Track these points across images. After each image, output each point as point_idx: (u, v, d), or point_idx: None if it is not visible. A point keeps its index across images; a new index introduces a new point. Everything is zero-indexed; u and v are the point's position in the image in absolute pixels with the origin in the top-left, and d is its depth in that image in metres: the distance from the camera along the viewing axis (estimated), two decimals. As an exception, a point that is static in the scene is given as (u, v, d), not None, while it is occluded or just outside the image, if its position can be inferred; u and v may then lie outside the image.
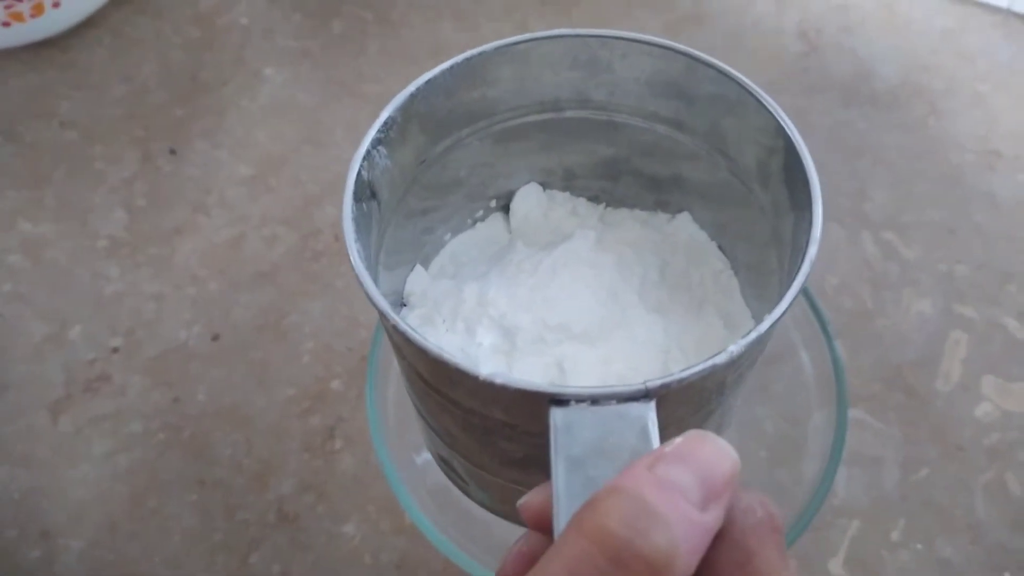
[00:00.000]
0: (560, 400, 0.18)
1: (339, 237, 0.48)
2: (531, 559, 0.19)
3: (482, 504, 0.29)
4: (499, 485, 0.26)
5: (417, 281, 0.30)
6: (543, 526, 0.19)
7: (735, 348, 0.19)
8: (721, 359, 0.19)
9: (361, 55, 0.56)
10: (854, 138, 0.51)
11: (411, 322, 0.28)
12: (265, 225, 0.49)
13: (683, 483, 0.15)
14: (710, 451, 0.16)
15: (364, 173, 0.23)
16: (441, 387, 0.22)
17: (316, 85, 0.55)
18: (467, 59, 0.25)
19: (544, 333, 0.26)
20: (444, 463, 0.29)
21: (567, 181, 0.31)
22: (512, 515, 0.28)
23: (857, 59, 0.55)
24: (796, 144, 0.23)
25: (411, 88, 0.24)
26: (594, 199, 0.32)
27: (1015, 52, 0.55)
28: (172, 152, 0.52)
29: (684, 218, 0.31)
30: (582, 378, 0.26)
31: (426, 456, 0.37)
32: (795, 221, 0.23)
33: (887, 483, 0.39)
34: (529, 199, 0.31)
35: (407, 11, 0.58)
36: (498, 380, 0.19)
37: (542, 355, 0.26)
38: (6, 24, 0.53)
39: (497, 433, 0.22)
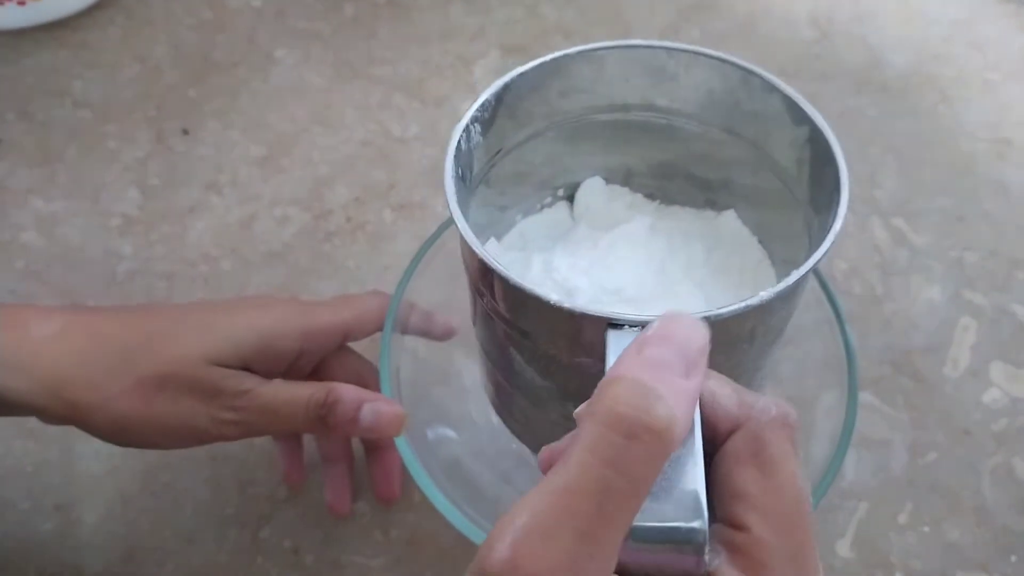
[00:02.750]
0: (616, 324, 0.22)
1: (350, 218, 0.48)
2: None
3: (531, 446, 0.32)
4: (555, 425, 0.28)
5: (490, 250, 0.33)
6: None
7: (766, 294, 0.22)
8: (754, 301, 0.22)
9: (372, 38, 0.56)
10: (865, 125, 0.51)
11: None
12: (277, 205, 0.49)
13: (668, 359, 0.18)
14: (684, 327, 0.19)
15: (462, 144, 0.26)
16: (517, 319, 0.25)
17: (327, 67, 0.55)
18: (555, 59, 0.29)
19: (600, 295, 0.30)
20: (502, 407, 0.32)
21: (627, 179, 0.35)
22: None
23: (868, 47, 0.55)
24: (834, 151, 0.26)
25: (506, 78, 0.28)
26: (649, 196, 0.35)
27: (1027, 41, 0.55)
28: (185, 132, 0.52)
29: (730, 215, 0.34)
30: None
31: (439, 431, 0.37)
32: (822, 217, 0.26)
33: (895, 466, 0.40)
34: (592, 190, 0.34)
35: (419, -5, 0.58)
36: (566, 304, 0.22)
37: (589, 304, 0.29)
38: (20, 3, 0.54)
39: (560, 365, 0.25)
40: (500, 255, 0.33)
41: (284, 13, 0.58)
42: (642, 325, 0.21)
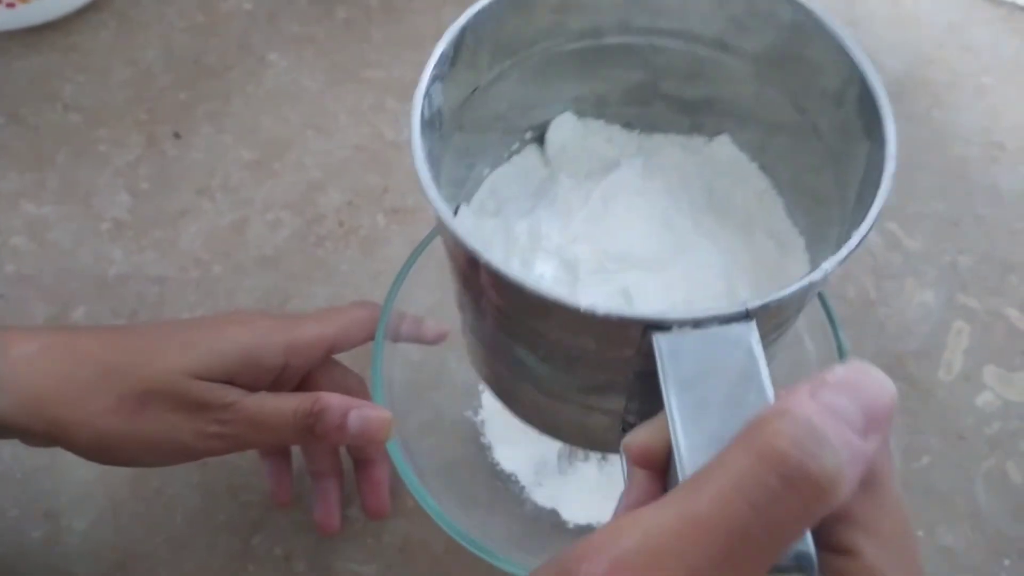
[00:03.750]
0: (662, 326, 0.18)
1: (343, 223, 0.48)
2: (645, 500, 0.18)
3: (546, 432, 0.29)
4: (570, 413, 0.26)
5: (461, 222, 0.29)
6: (650, 462, 0.19)
7: (828, 265, 0.19)
8: (817, 276, 0.19)
9: (365, 41, 0.56)
10: (858, 129, 0.51)
11: None
12: (269, 209, 0.49)
13: (847, 410, 0.15)
14: (872, 381, 0.16)
15: (425, 112, 0.23)
16: (528, 320, 0.22)
17: (320, 71, 0.55)
18: None
19: (605, 262, 0.27)
20: (506, 395, 0.29)
21: (599, 109, 0.31)
22: (577, 439, 0.28)
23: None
24: (864, 70, 0.23)
25: (461, 21, 0.24)
26: (627, 126, 0.31)
27: (1019, 46, 0.55)
28: (176, 136, 0.52)
29: (723, 140, 0.30)
30: (649, 304, 0.26)
31: (430, 440, 0.37)
32: (865, 149, 0.23)
33: (889, 471, 0.40)
34: (564, 129, 0.30)
35: (412, -2, 0.58)
36: (600, 311, 0.19)
37: (606, 283, 0.26)
38: (10, 6, 0.53)
39: (582, 361, 0.22)
40: (474, 226, 0.29)
41: (277, 17, 0.57)
42: (694, 323, 0.18)
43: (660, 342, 0.18)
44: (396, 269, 0.37)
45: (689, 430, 0.17)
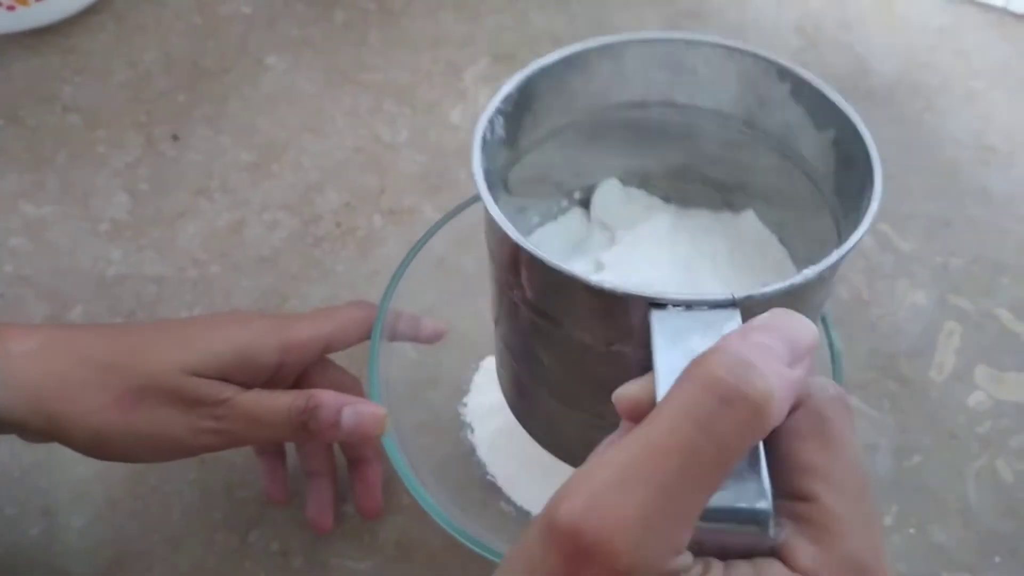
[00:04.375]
0: (659, 303, 0.21)
1: (340, 223, 0.48)
2: None
3: (560, 454, 0.31)
4: (582, 427, 0.28)
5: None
6: (638, 414, 0.20)
7: (810, 272, 0.22)
8: (798, 279, 0.22)
9: (362, 44, 0.56)
10: (851, 132, 0.52)
11: None
12: (266, 210, 0.49)
13: (773, 346, 0.18)
14: (793, 321, 0.18)
15: (487, 136, 0.26)
16: (550, 306, 0.24)
17: (318, 73, 0.55)
18: (576, 52, 0.28)
19: None
20: (526, 413, 0.31)
21: (643, 181, 0.34)
22: (580, 456, 0.30)
23: (855, 55, 0.55)
24: (868, 146, 0.25)
25: (527, 71, 0.27)
26: (665, 199, 0.34)
27: (1010, 50, 0.56)
28: (175, 138, 0.52)
29: (748, 215, 0.33)
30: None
31: (426, 438, 0.38)
32: (851, 209, 0.26)
33: (881, 469, 0.40)
34: (610, 192, 0.34)
35: (408, 1, 0.58)
36: (607, 284, 0.22)
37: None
38: (10, 8, 0.54)
39: (593, 356, 0.25)
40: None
41: (275, 20, 0.58)
42: (687, 304, 0.21)
43: (656, 318, 0.21)
44: (392, 269, 0.38)
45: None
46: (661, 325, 0.21)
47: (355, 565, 0.38)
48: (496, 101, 0.26)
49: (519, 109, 0.28)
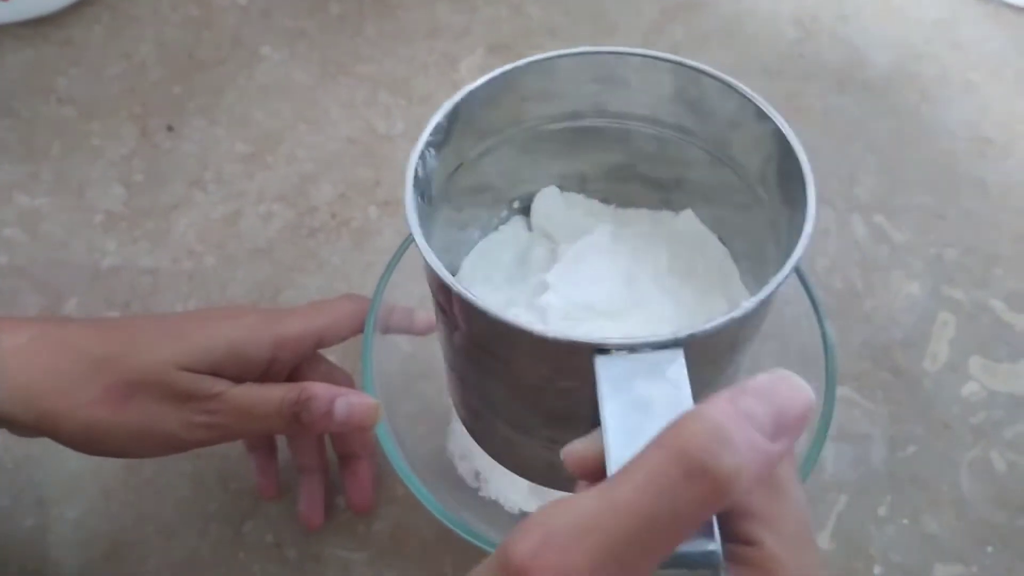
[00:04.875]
0: (603, 349, 0.21)
1: (335, 215, 0.48)
2: None
3: (517, 471, 0.31)
4: (536, 449, 0.28)
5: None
6: (587, 471, 0.21)
7: (748, 304, 0.22)
8: (738, 313, 0.21)
9: (358, 35, 0.56)
10: (846, 123, 0.52)
11: None
12: (261, 202, 0.49)
13: (758, 415, 0.17)
14: (787, 388, 0.18)
15: (419, 172, 0.26)
16: (495, 348, 0.24)
17: (313, 65, 0.55)
18: (503, 73, 0.28)
19: (571, 310, 0.30)
20: (480, 432, 0.31)
21: (581, 184, 0.34)
22: (544, 478, 0.31)
23: (851, 46, 0.55)
24: (795, 149, 0.25)
25: (456, 97, 0.27)
26: (605, 200, 0.35)
27: (1006, 42, 0.55)
28: (169, 129, 0.52)
29: (687, 215, 0.33)
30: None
31: (420, 429, 0.38)
32: (790, 215, 0.26)
33: (875, 459, 0.40)
34: (549, 200, 0.34)
35: (405, -7, 0.58)
36: (551, 334, 0.21)
37: (572, 329, 0.28)
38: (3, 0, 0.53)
39: (542, 391, 0.25)
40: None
41: (270, 11, 0.58)
42: (630, 348, 0.21)
43: (600, 364, 0.21)
44: (387, 261, 0.38)
45: (618, 442, 0.19)
46: (606, 371, 0.21)
47: (349, 556, 0.38)
48: (426, 134, 0.27)
49: (452, 134, 0.28)
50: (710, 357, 0.24)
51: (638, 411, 0.20)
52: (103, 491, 0.39)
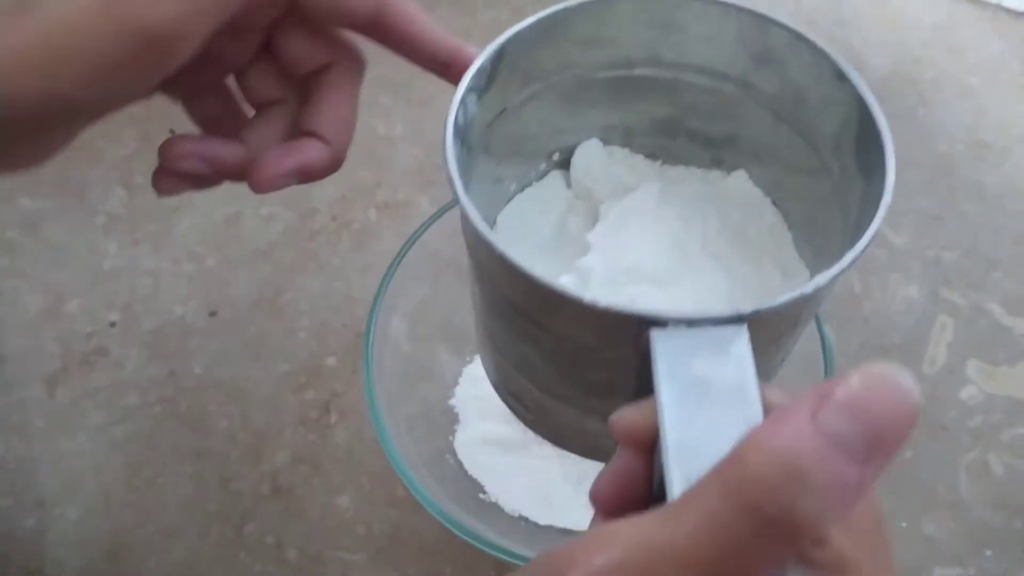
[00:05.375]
0: (659, 322, 0.19)
1: (335, 217, 0.49)
2: (627, 477, 0.19)
3: (549, 438, 0.29)
4: (572, 416, 0.26)
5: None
6: (635, 441, 0.19)
7: (820, 279, 0.20)
8: (809, 289, 0.20)
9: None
10: (845, 127, 0.52)
11: None
12: (262, 204, 0.49)
13: (848, 439, 0.14)
14: (888, 399, 0.14)
15: (460, 119, 0.24)
16: (536, 314, 0.23)
17: (314, 68, 0.55)
18: (553, 13, 0.26)
19: (616, 275, 0.28)
20: (513, 398, 0.29)
21: (626, 138, 0.32)
22: (577, 446, 0.29)
23: (850, 50, 0.56)
24: (874, 114, 0.23)
25: (502, 39, 0.25)
26: (651, 156, 0.32)
27: (1004, 46, 0.56)
28: (171, 132, 0.52)
29: (740, 175, 0.31)
30: None
31: (421, 430, 0.38)
32: (864, 185, 0.24)
33: (873, 462, 0.40)
34: (590, 154, 0.32)
35: (406, -4, 0.58)
36: (603, 303, 0.20)
37: (615, 294, 0.27)
38: (6, 1, 0.53)
39: (584, 359, 0.23)
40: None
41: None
42: (689, 322, 0.19)
43: (656, 338, 0.19)
44: (387, 262, 0.38)
45: (675, 424, 0.17)
46: (663, 346, 0.19)
47: (349, 557, 0.38)
48: (468, 78, 0.24)
49: (495, 79, 0.26)
50: (771, 336, 0.22)
51: (697, 392, 0.18)
52: (104, 491, 0.40)
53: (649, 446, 0.19)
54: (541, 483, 0.37)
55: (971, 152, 0.51)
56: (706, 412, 0.17)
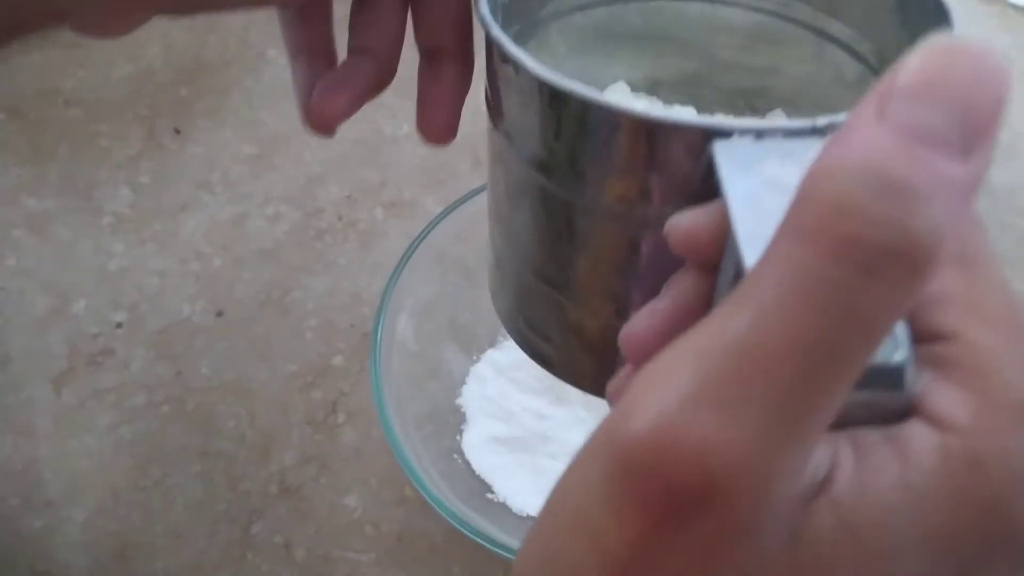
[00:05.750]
0: (723, 133, 0.16)
1: (342, 216, 0.48)
2: (678, 307, 0.16)
3: (580, 379, 0.25)
4: (611, 333, 0.21)
5: None
6: (697, 251, 0.16)
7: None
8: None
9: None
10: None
11: None
12: (268, 203, 0.49)
13: (936, 128, 0.10)
14: (964, 65, 0.11)
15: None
16: (574, 168, 0.19)
17: (320, 67, 0.55)
18: None
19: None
20: (534, 332, 0.25)
21: (653, 90, 0.30)
22: (600, 370, 0.24)
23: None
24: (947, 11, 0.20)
25: None
26: (681, 104, 0.30)
27: (1011, 42, 0.56)
28: (176, 131, 0.52)
29: (776, 114, 0.29)
30: None
31: (429, 429, 0.38)
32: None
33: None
34: (619, 96, 0.29)
35: (410, -5, 0.58)
36: (655, 115, 0.17)
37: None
38: (11, 1, 0.53)
39: (630, 226, 0.20)
40: None
41: (275, 13, 0.58)
42: (757, 133, 0.16)
43: (719, 149, 0.16)
44: (394, 263, 0.38)
45: (748, 215, 0.14)
46: (728, 154, 0.16)
47: (358, 557, 0.38)
48: None
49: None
50: None
51: (773, 191, 0.15)
52: (111, 492, 0.40)
53: (713, 260, 0.15)
54: (550, 482, 0.37)
55: (979, 150, 0.50)
56: (782, 206, 0.13)
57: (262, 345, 0.44)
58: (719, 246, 0.15)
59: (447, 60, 0.26)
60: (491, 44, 0.20)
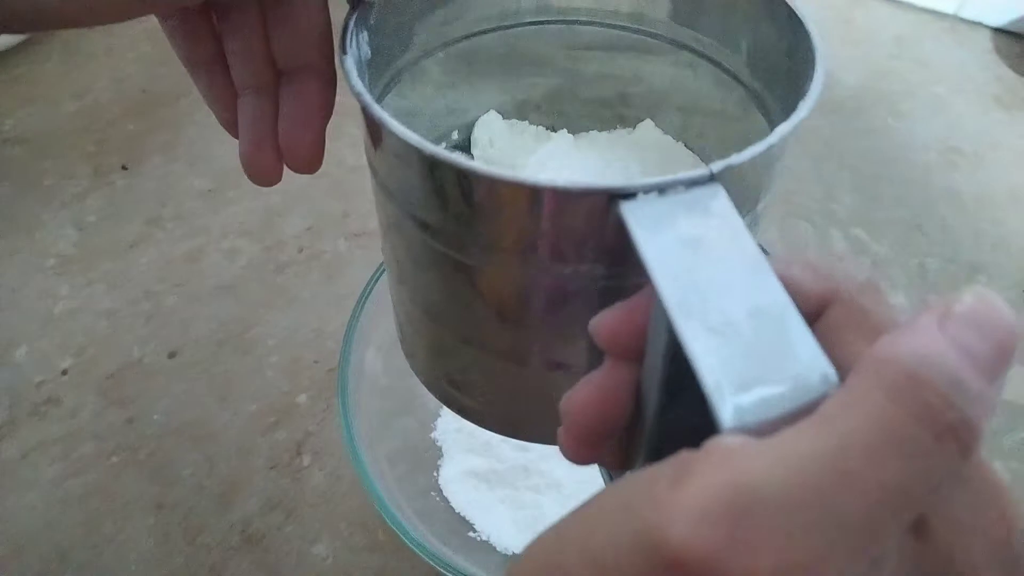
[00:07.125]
0: (627, 194, 0.17)
1: (303, 248, 0.46)
2: (610, 389, 0.17)
3: (506, 427, 0.25)
4: (532, 381, 0.23)
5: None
6: (622, 344, 0.17)
7: (784, 128, 0.19)
8: (775, 139, 0.18)
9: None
10: (820, 143, 0.51)
11: None
12: (225, 237, 0.47)
13: (981, 353, 0.13)
14: (1003, 316, 0.14)
15: (349, 43, 0.21)
16: (477, 230, 0.19)
17: (276, 98, 0.53)
18: None
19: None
20: (454, 387, 0.25)
21: (521, 114, 0.31)
22: (545, 428, 0.23)
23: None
24: (801, 17, 0.21)
25: None
26: (551, 128, 0.31)
27: (966, 56, 0.56)
28: (124, 168, 0.50)
29: (646, 125, 0.30)
30: None
31: (403, 468, 0.35)
32: (787, 90, 0.22)
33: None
34: (491, 125, 0.30)
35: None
36: (559, 183, 0.17)
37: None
38: (-52, 38, 0.51)
39: (537, 281, 0.20)
40: None
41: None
42: (660, 189, 0.17)
43: (627, 210, 0.17)
44: (359, 293, 0.36)
45: (672, 280, 0.15)
46: (636, 215, 0.17)
47: (329, 608, 0.35)
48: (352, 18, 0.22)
49: (385, 22, 0.23)
50: (737, 201, 0.20)
51: (688, 248, 0.16)
52: (59, 551, 0.36)
53: (637, 351, 0.17)
54: (533, 518, 0.35)
55: (945, 160, 0.50)
56: (703, 265, 0.15)
57: (220, 386, 0.41)
58: (641, 340, 0.17)
59: (312, 78, 0.24)
60: (375, 123, 0.19)
